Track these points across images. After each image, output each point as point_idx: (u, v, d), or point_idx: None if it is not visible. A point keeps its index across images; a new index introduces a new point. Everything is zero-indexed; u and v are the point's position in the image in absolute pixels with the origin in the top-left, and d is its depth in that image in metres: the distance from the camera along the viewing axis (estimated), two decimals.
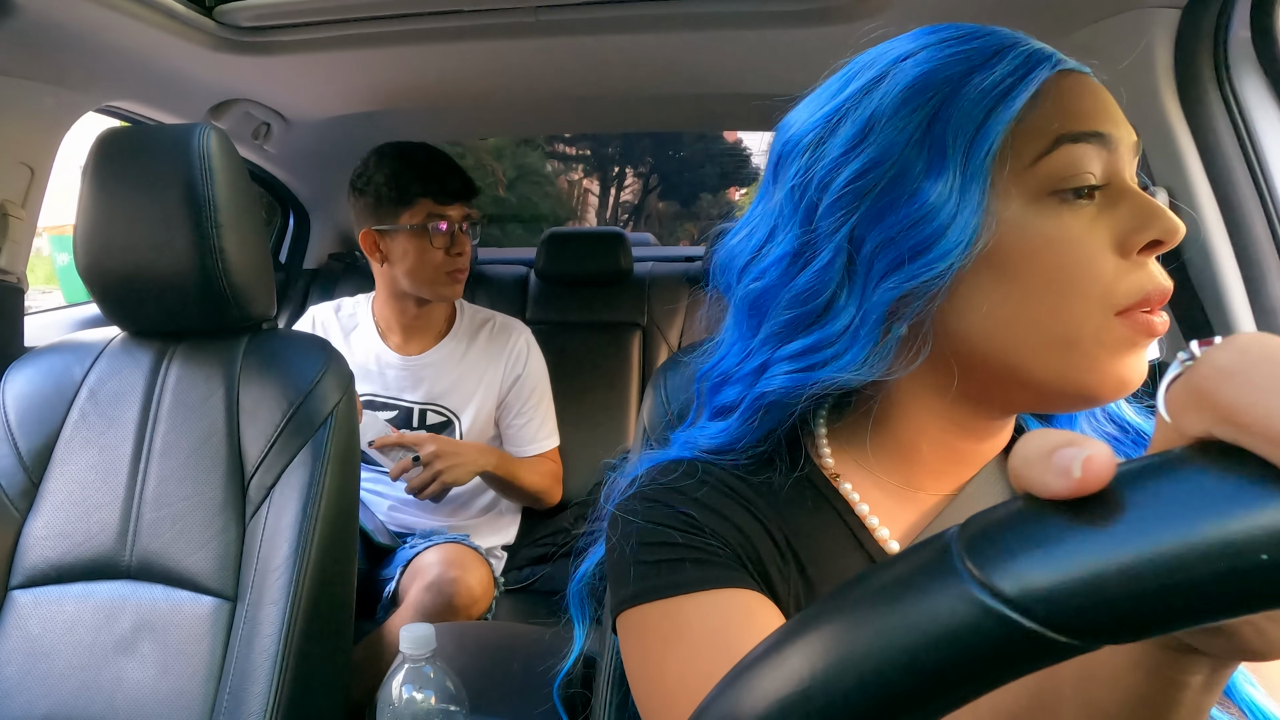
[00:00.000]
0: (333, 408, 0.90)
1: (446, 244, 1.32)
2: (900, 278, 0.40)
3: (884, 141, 0.40)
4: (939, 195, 0.39)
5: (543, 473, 1.45)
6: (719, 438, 0.48)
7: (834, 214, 0.41)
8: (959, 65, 0.39)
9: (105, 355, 0.96)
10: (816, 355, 0.42)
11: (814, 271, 0.42)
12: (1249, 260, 0.76)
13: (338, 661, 0.89)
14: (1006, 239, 0.39)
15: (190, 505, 0.87)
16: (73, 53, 1.09)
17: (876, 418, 0.46)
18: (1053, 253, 0.38)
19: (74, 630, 0.86)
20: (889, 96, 0.40)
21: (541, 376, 1.47)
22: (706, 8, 1.13)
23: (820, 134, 0.43)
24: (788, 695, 0.20)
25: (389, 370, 1.41)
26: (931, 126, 0.39)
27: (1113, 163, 0.39)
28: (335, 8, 1.14)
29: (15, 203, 1.11)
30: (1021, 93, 0.38)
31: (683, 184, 10.75)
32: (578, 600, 0.54)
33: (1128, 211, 0.38)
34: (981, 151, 0.38)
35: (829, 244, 0.42)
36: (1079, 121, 0.38)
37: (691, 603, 0.41)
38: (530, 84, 1.47)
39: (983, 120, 0.38)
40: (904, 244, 0.39)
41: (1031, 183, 0.39)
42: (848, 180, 0.41)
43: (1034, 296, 0.39)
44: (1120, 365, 0.39)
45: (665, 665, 0.40)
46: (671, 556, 0.43)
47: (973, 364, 0.41)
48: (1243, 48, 0.76)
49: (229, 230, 0.88)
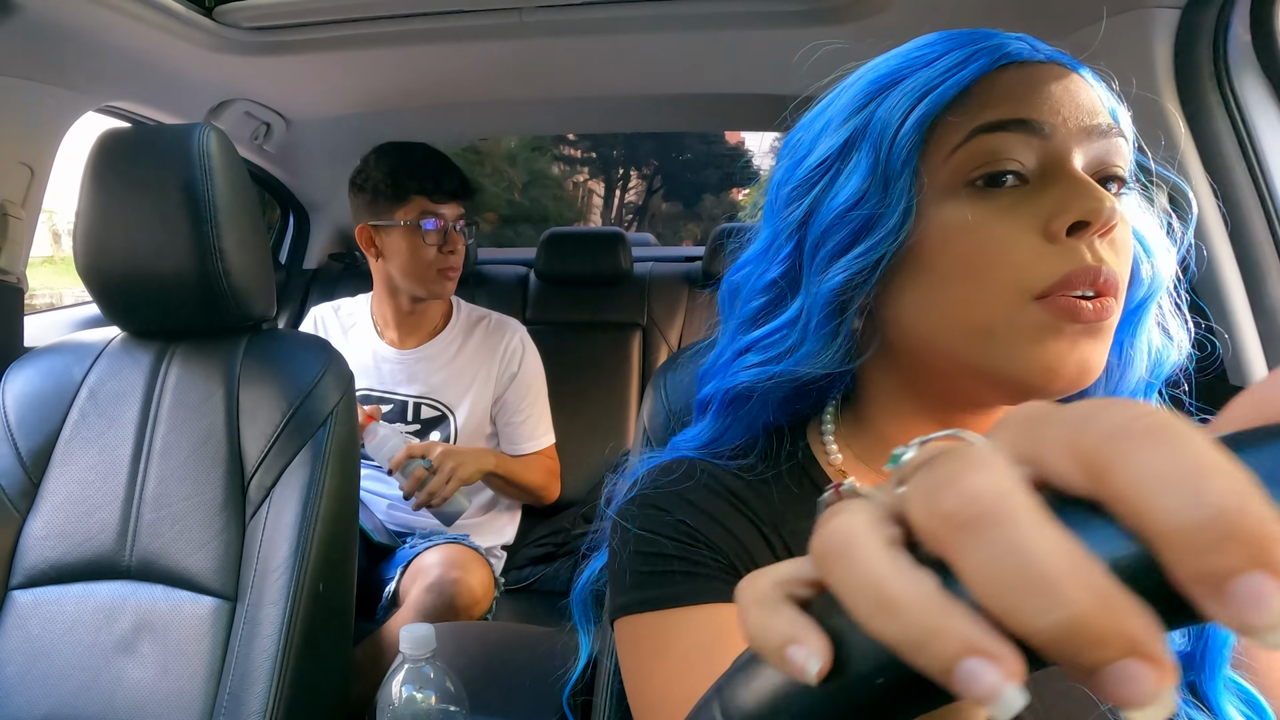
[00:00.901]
0: (333, 408, 0.90)
1: (439, 242, 1.33)
2: (840, 266, 0.41)
3: (832, 139, 0.42)
4: (866, 185, 0.40)
5: (541, 470, 1.45)
6: (700, 437, 0.49)
7: (790, 204, 0.44)
8: (906, 68, 0.41)
9: (105, 355, 0.96)
10: (775, 347, 0.44)
11: (776, 262, 0.45)
12: (1249, 260, 0.76)
13: (338, 661, 0.89)
14: (928, 230, 0.40)
15: (190, 505, 0.87)
16: (73, 53, 1.09)
17: (859, 412, 0.48)
18: (963, 241, 0.39)
19: (74, 630, 0.86)
20: (842, 99, 0.43)
21: (537, 374, 1.47)
22: (706, 8, 1.13)
23: (802, 134, 0.46)
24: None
25: (384, 364, 1.41)
26: (869, 124, 0.41)
27: (1048, 149, 0.39)
28: (335, 8, 1.14)
29: (15, 203, 1.11)
30: (947, 90, 0.39)
31: (686, 185, 10.79)
32: (581, 606, 0.54)
33: (1054, 195, 0.38)
34: (902, 146, 0.39)
35: (786, 236, 0.44)
36: (999, 111, 0.39)
37: (680, 617, 0.41)
38: (530, 84, 1.47)
39: (904, 116, 0.40)
40: (838, 235, 0.41)
41: (948, 174, 0.40)
42: (803, 175, 0.44)
43: (949, 285, 0.40)
44: (1044, 352, 0.38)
45: (652, 678, 0.41)
46: (663, 568, 0.43)
47: (915, 355, 0.43)
48: (1243, 48, 0.76)
49: (229, 230, 0.88)
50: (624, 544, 0.45)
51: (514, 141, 8.55)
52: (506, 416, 1.44)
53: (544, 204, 9.14)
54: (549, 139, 9.27)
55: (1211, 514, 0.14)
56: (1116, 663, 0.14)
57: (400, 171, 1.33)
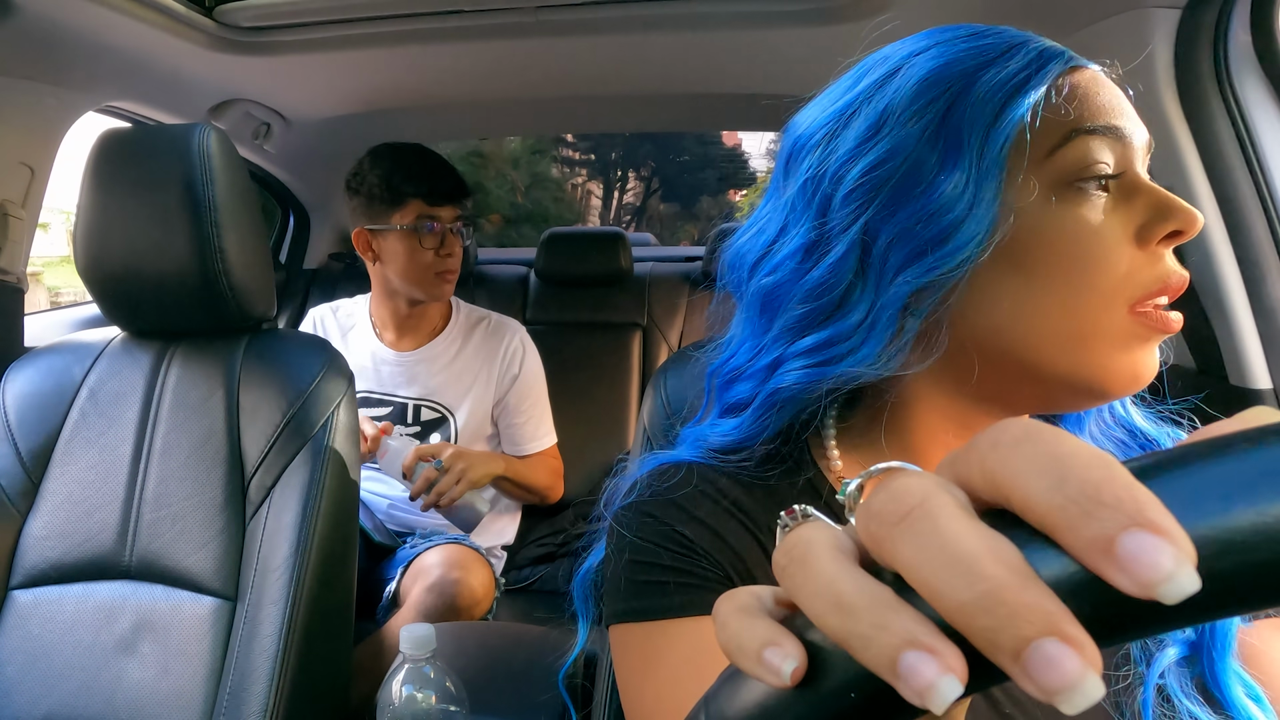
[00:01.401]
0: (333, 408, 0.90)
1: (436, 245, 1.33)
2: (916, 271, 0.39)
3: (898, 135, 0.40)
4: (954, 188, 0.38)
5: (546, 470, 1.45)
6: (731, 435, 0.47)
7: (847, 207, 0.41)
8: (973, 60, 0.39)
9: (105, 355, 0.96)
10: (831, 350, 0.42)
11: (828, 265, 0.42)
12: (1249, 260, 0.76)
13: (338, 661, 0.89)
14: (1023, 231, 0.38)
15: (190, 505, 0.87)
16: (73, 53, 1.09)
17: (889, 417, 0.46)
18: (1069, 243, 0.38)
19: (74, 630, 0.86)
20: (903, 90, 0.40)
21: (538, 375, 1.47)
22: (707, 8, 1.13)
23: (833, 129, 0.43)
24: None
25: (384, 366, 1.41)
26: (946, 120, 0.39)
27: (1126, 156, 0.39)
28: (335, 8, 1.14)
29: (15, 203, 1.11)
30: (1037, 86, 0.38)
31: (683, 187, 10.82)
32: (582, 595, 0.53)
33: (1145, 203, 0.38)
34: (997, 144, 0.38)
35: (843, 238, 0.41)
36: (1093, 115, 0.38)
37: (673, 628, 0.41)
38: (530, 84, 1.47)
39: (998, 113, 0.38)
40: (920, 237, 0.39)
41: (1047, 174, 0.38)
42: (861, 174, 0.40)
43: (1049, 289, 0.38)
44: (1132, 360, 0.38)
45: (643, 688, 0.41)
46: (658, 579, 0.43)
47: (989, 359, 0.41)
48: (1243, 48, 0.76)
49: (229, 230, 0.88)
50: (620, 551, 0.45)
51: (516, 145, 8.72)
52: (509, 418, 1.44)
53: (545, 205, 9.27)
54: (549, 142, 9.37)
55: (1077, 487, 0.15)
56: (1037, 642, 0.15)
57: (395, 175, 1.32)
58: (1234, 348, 0.77)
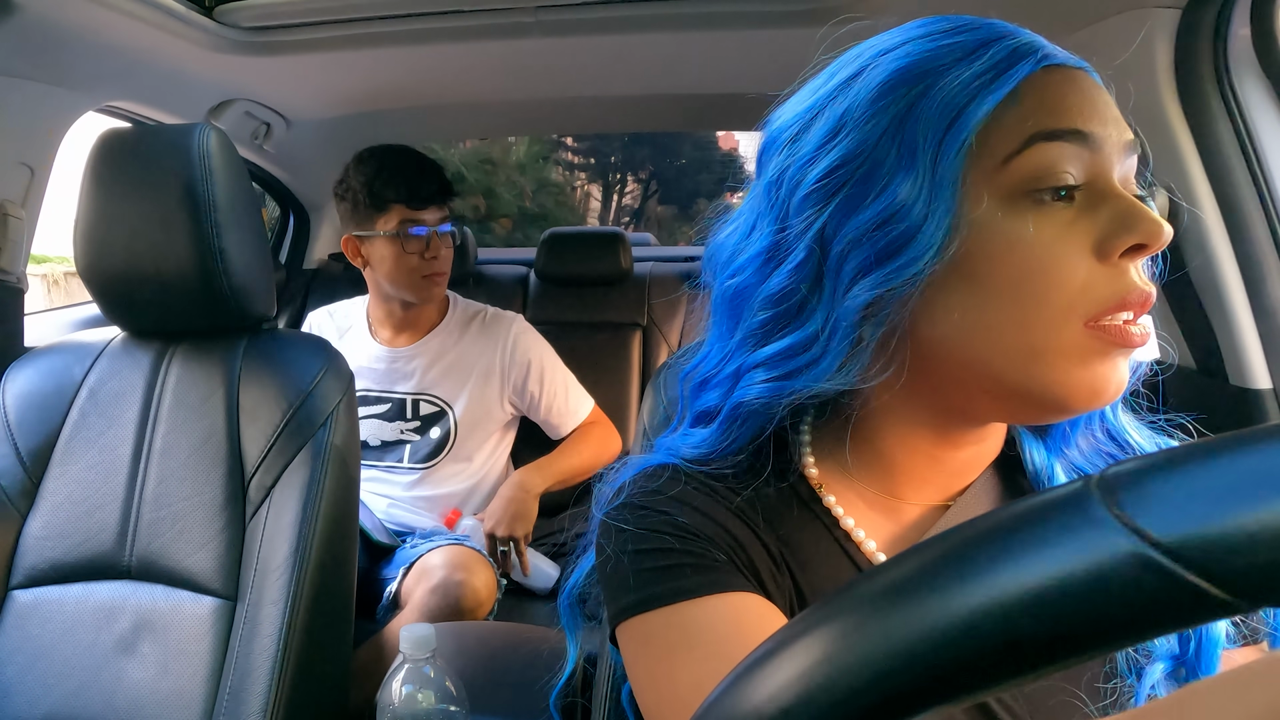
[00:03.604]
0: (333, 408, 0.90)
1: (421, 249, 1.33)
2: (871, 281, 0.38)
3: (857, 138, 0.38)
4: (909, 194, 0.37)
5: (591, 441, 1.46)
6: (701, 448, 0.46)
7: (804, 211, 0.40)
8: (939, 59, 0.38)
9: (105, 355, 0.96)
10: (791, 362, 0.41)
11: (786, 272, 0.41)
12: (1249, 260, 0.76)
13: (338, 661, 0.89)
14: (976, 242, 0.37)
15: (190, 505, 0.87)
16: (73, 53, 1.09)
17: (855, 427, 0.45)
18: (1019, 256, 0.36)
19: (74, 630, 0.86)
20: (863, 92, 0.39)
21: (546, 353, 1.47)
22: (706, 8, 1.13)
23: (797, 129, 0.42)
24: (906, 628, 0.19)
25: (380, 364, 1.42)
26: (904, 123, 0.37)
27: (1096, 163, 0.37)
28: (335, 8, 1.14)
29: (15, 203, 1.11)
30: (999, 88, 0.36)
31: (681, 189, 10.86)
32: (568, 609, 0.52)
33: (1109, 214, 0.36)
34: (952, 149, 0.36)
35: (800, 243, 0.40)
36: (1056, 118, 0.36)
37: (698, 608, 0.39)
38: (530, 84, 1.47)
39: (955, 116, 0.36)
40: (874, 245, 0.38)
41: (1004, 183, 0.37)
42: (818, 177, 0.39)
43: (999, 304, 0.37)
44: (1091, 374, 0.37)
45: (676, 674, 0.38)
46: (670, 563, 0.41)
47: (946, 371, 0.40)
48: (1243, 48, 0.76)
49: (229, 230, 0.88)
50: (621, 547, 0.43)
51: (522, 151, 8.95)
52: (538, 406, 1.44)
53: (549, 208, 9.49)
54: (551, 146, 9.52)
55: None
56: None
57: (378, 180, 1.31)
58: (1234, 348, 0.77)
